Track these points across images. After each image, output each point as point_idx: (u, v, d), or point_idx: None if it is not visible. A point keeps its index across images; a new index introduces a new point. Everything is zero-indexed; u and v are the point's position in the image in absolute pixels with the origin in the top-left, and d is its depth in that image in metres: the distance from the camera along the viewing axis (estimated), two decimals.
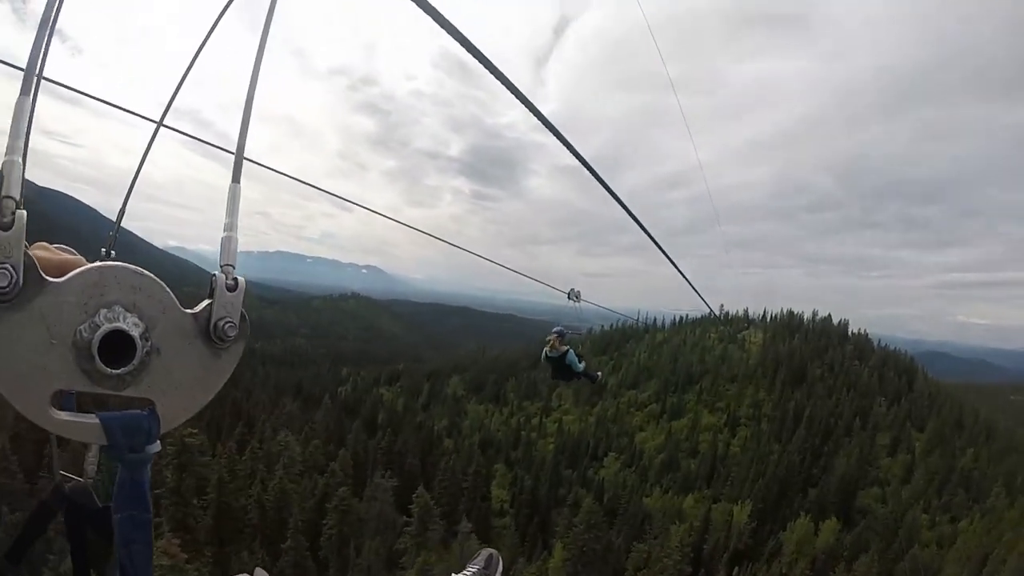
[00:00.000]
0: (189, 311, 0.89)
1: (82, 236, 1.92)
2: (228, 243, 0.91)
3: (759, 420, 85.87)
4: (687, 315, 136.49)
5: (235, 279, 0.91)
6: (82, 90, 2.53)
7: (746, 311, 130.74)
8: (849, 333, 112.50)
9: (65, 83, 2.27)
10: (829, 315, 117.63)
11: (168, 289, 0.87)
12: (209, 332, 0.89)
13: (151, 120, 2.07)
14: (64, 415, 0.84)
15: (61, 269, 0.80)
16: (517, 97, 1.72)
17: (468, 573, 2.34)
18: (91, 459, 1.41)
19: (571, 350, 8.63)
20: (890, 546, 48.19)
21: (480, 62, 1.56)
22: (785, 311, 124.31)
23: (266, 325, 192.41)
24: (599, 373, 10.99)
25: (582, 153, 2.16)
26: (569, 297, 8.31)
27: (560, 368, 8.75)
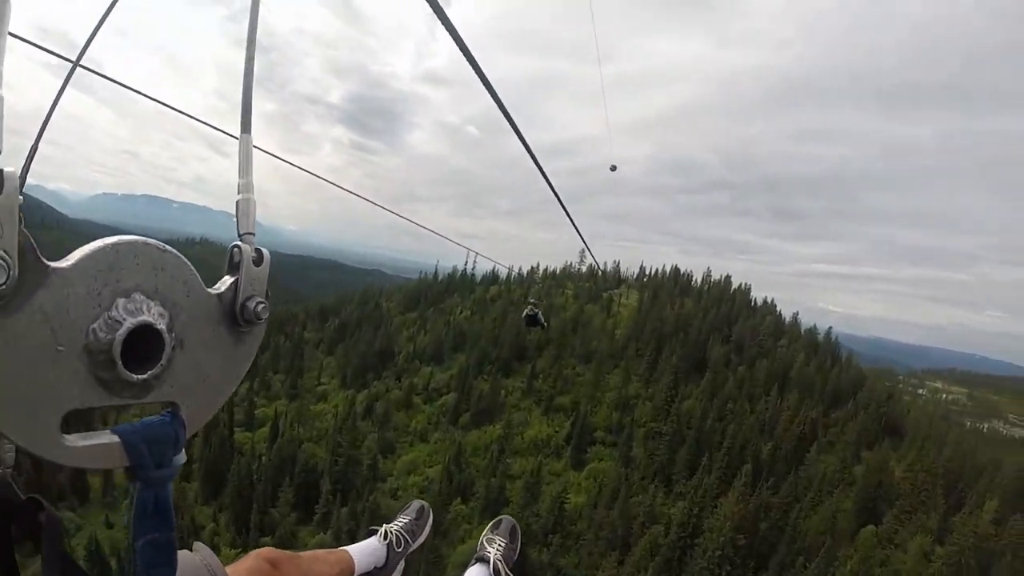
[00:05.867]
0: (213, 291, 0.72)
1: None
2: (247, 207, 0.73)
3: (629, 438, 44.82)
4: (538, 263, 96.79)
5: (258, 251, 0.74)
6: None
7: (617, 265, 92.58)
8: (753, 302, 78.31)
9: None
10: (728, 276, 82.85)
11: (191, 265, 0.69)
12: (235, 315, 0.73)
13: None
14: (78, 440, 0.64)
15: None
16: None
17: (400, 523, 2.35)
18: (8, 447, 1.01)
19: (539, 312, 14.05)
20: None
21: None
22: (670, 267, 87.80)
23: None
24: (546, 323, 15.54)
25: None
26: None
27: (533, 323, 13.98)
